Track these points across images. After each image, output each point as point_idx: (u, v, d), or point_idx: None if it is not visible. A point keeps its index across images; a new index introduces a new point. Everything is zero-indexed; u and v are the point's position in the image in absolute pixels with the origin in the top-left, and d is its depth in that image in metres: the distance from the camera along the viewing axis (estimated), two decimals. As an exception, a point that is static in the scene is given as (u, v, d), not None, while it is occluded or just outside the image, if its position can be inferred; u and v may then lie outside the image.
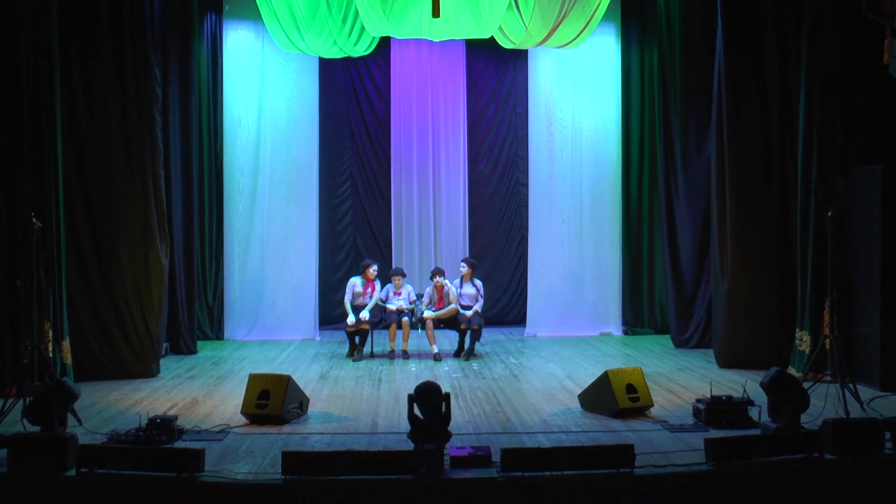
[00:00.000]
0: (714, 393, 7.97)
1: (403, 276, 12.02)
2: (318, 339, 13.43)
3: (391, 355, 11.66)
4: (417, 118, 14.31)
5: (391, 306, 11.74)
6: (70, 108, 9.97)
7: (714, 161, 10.98)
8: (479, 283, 11.98)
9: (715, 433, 7.28)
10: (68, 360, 9.62)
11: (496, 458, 6.51)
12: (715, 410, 7.71)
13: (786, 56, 10.47)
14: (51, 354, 9.17)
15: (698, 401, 7.97)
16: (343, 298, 11.92)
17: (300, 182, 13.63)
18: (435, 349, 11.67)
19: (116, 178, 10.25)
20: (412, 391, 6.97)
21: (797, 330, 10.12)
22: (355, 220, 14.69)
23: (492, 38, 12.50)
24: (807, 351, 9.81)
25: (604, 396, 8.30)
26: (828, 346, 8.80)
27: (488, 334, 12.74)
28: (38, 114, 9.39)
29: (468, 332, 11.65)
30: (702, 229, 12.27)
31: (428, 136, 14.33)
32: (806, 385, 7.92)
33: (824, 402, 7.93)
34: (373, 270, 11.86)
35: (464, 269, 11.93)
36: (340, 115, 14.55)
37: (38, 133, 9.37)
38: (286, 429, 7.83)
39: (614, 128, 13.90)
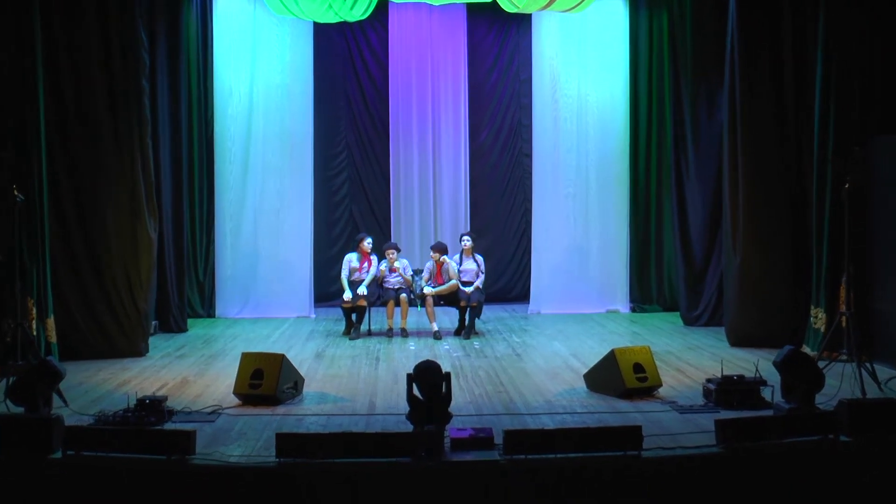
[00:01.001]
0: (725, 372, 7.98)
1: (398, 250, 11.98)
2: (314, 316, 13.43)
3: (389, 333, 11.66)
4: (417, 86, 14.23)
5: (387, 283, 11.75)
6: (52, 75, 9.88)
7: (726, 130, 10.93)
8: (479, 258, 11.96)
9: (726, 414, 7.28)
10: (53, 339, 9.63)
11: (498, 440, 6.51)
12: (726, 391, 7.71)
13: (801, 20, 10.38)
14: (35, 332, 9.19)
15: (708, 381, 7.97)
16: (339, 275, 11.90)
17: (294, 153, 13.58)
18: (435, 327, 11.66)
19: (102, 148, 10.19)
20: (411, 370, 6.97)
21: (812, 307, 10.10)
22: (352, 193, 14.65)
23: (494, 1, 12.42)
24: (822, 329, 9.80)
25: (610, 376, 8.29)
26: (844, 324, 8.79)
27: (490, 311, 12.73)
28: (18, 79, 9.33)
29: (468, 309, 11.64)
30: (713, 202, 12.24)
31: (427, 105, 14.27)
32: (821, 364, 7.91)
33: (840, 382, 7.93)
34: (367, 244, 11.83)
35: (467, 243, 11.91)
36: (336, 82, 14.47)
37: (18, 100, 9.31)
38: (280, 410, 7.83)
39: (622, 95, 13.81)
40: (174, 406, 7.66)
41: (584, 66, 13.80)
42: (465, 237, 12.05)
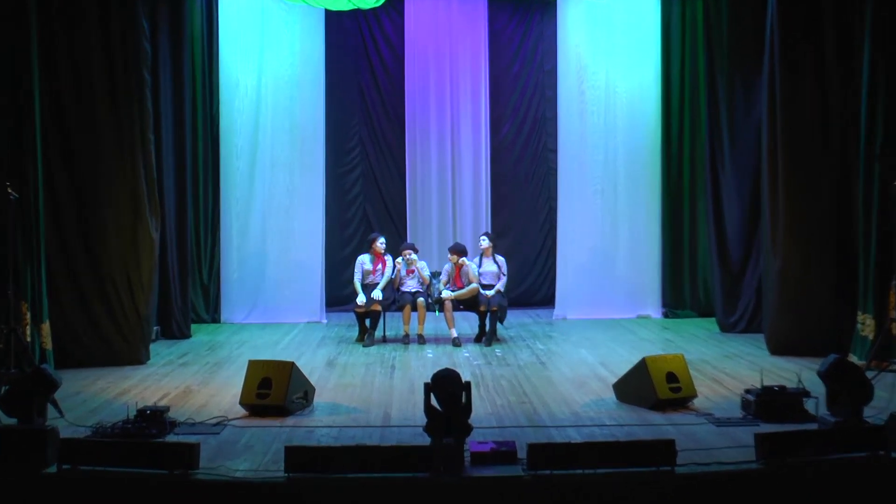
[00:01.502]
0: (765, 383, 7.90)
1: (416, 251, 11.95)
2: (325, 321, 13.45)
3: (405, 340, 11.64)
4: (434, 77, 14.25)
5: (404, 286, 11.73)
6: (49, 66, 9.91)
7: (765, 125, 10.87)
8: (500, 259, 11.94)
9: (766, 427, 7.21)
10: (48, 345, 9.64)
11: (522, 454, 6.47)
12: (766, 402, 7.64)
13: (846, 10, 10.31)
14: (29, 339, 9.21)
15: (747, 391, 7.90)
16: (352, 278, 11.88)
17: (304, 148, 13.59)
18: (454, 333, 11.62)
19: (101, 143, 10.21)
20: (429, 379, 6.92)
21: (859, 313, 10.02)
22: (366, 191, 14.68)
23: (517, -14, 12.42)
24: (870, 336, 9.72)
25: (641, 386, 8.25)
26: (894, 332, 8.71)
27: (513, 317, 12.70)
28: (12, 71, 9.35)
29: (488, 314, 11.59)
30: (750, 201, 12.18)
31: (446, 97, 14.27)
32: (869, 374, 7.83)
33: (890, 394, 7.88)
34: (380, 244, 11.81)
35: (484, 243, 11.90)
36: (349, 74, 14.48)
37: (12, 93, 9.33)
38: (290, 421, 7.82)
39: (653, 87, 13.78)
40: (177, 417, 7.64)
41: (612, 56, 13.77)
42: (483, 237, 12.07)
